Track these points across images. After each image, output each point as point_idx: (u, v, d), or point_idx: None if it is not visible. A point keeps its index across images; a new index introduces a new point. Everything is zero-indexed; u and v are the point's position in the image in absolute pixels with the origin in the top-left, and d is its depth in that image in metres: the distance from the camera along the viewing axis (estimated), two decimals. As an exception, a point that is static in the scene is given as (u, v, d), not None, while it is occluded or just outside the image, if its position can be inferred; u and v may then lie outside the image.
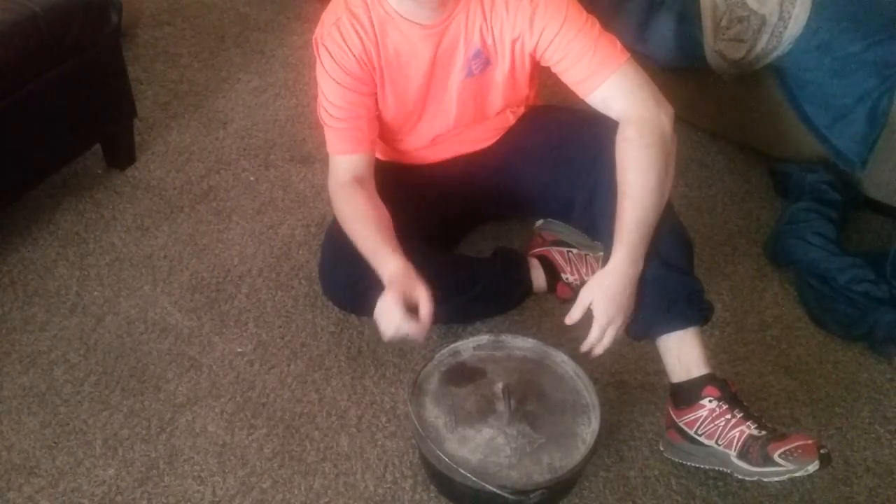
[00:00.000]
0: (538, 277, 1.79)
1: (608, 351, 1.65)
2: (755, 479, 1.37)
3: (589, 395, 1.45)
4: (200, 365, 1.65)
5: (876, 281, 1.73)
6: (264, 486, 1.45)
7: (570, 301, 1.76)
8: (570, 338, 1.70)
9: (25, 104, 1.75)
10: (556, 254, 1.81)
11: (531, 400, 1.44)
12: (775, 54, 1.93)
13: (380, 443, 1.52)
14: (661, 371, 1.61)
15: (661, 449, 1.52)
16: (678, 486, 1.47)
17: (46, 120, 1.82)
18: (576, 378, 1.48)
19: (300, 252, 1.90)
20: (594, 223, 1.58)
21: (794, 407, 1.60)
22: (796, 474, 1.32)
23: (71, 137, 1.94)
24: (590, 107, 1.54)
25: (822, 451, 1.32)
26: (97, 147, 2.08)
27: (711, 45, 2.00)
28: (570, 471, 1.34)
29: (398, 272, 1.44)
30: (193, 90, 2.43)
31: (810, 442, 1.32)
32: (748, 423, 1.38)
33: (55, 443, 1.51)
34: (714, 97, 2.15)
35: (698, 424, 1.42)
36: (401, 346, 1.67)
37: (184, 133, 2.26)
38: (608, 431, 1.52)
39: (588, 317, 1.44)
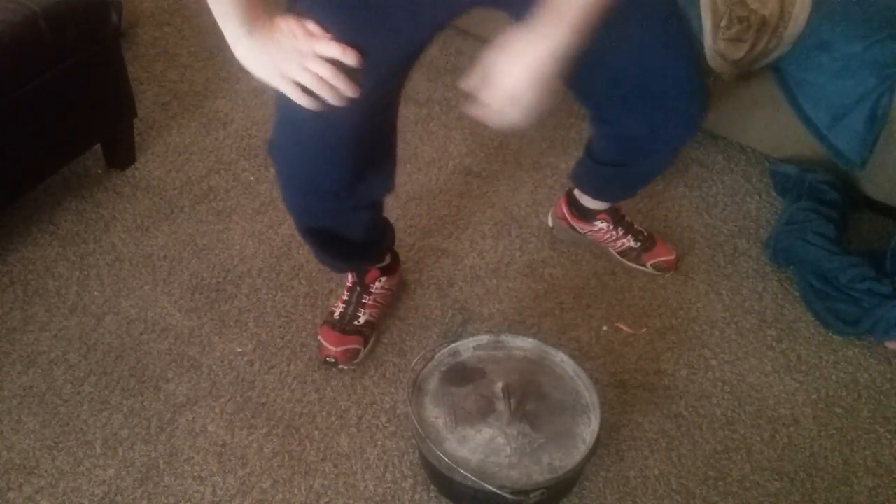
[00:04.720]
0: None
1: (606, 351, 1.65)
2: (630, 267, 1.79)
3: (589, 395, 1.45)
4: (200, 365, 1.65)
5: (878, 278, 1.73)
6: (264, 486, 1.45)
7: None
8: (570, 338, 1.71)
9: (25, 104, 1.75)
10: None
11: (531, 400, 1.43)
12: (775, 54, 1.93)
13: (380, 443, 1.52)
14: (661, 371, 1.62)
15: (550, 225, 1.85)
16: (678, 485, 1.47)
17: (46, 120, 1.82)
18: (576, 378, 1.48)
19: (300, 252, 1.90)
20: None
21: (794, 407, 1.60)
22: (658, 279, 1.79)
23: (71, 137, 1.94)
24: None
25: (677, 265, 1.81)
26: (97, 147, 2.08)
27: (711, 45, 2.00)
28: (570, 471, 1.34)
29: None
30: (193, 90, 2.42)
31: (672, 258, 1.81)
32: (628, 237, 1.77)
33: (55, 443, 1.51)
34: (714, 97, 2.15)
35: (587, 232, 1.78)
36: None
37: (184, 133, 2.26)
38: (608, 431, 1.52)
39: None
